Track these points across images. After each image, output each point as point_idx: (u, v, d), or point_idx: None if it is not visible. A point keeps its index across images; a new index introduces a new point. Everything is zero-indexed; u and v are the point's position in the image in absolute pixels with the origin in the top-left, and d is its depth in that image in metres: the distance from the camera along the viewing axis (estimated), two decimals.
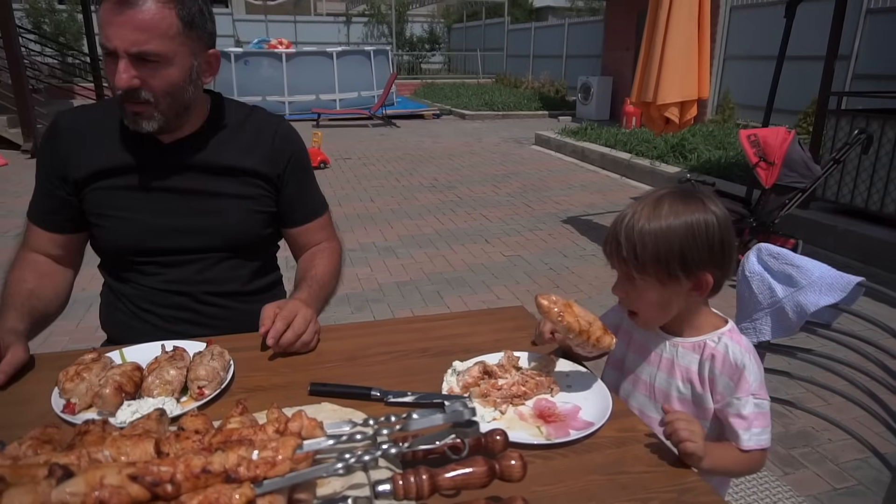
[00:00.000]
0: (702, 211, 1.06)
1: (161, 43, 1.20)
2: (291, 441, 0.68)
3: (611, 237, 1.11)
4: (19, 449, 0.77)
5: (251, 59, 12.95)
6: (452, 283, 4.13)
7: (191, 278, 1.40)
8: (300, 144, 1.52)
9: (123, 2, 1.16)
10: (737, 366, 1.07)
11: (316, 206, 1.55)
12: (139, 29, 1.17)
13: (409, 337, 1.31)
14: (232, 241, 1.42)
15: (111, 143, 1.35)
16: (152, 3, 1.18)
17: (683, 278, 1.07)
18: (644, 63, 4.70)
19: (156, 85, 1.23)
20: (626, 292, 1.12)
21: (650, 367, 1.18)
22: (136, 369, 1.05)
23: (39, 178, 1.39)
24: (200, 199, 1.38)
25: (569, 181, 7.30)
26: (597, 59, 13.78)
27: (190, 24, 1.24)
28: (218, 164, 1.39)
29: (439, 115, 13.85)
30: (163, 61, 1.22)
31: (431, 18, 26.24)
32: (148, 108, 1.25)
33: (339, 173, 7.66)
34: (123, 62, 1.19)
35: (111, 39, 1.18)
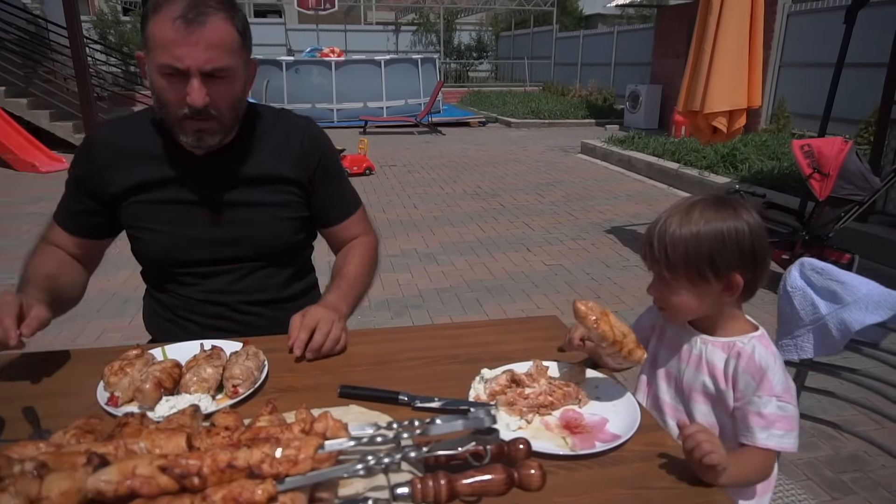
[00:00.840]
0: (733, 218, 1.09)
1: (229, 58, 1.23)
2: (313, 441, 0.70)
3: (645, 240, 1.15)
4: (64, 438, 0.82)
5: (302, 68, 13.27)
6: (492, 291, 4.13)
7: (227, 288, 1.43)
8: (328, 145, 1.52)
9: (194, 21, 1.17)
10: (760, 366, 1.08)
11: (349, 205, 1.56)
12: (211, 47, 1.19)
13: (439, 343, 1.32)
14: (266, 249, 1.44)
15: (146, 158, 1.36)
16: (218, 20, 1.20)
17: (713, 279, 1.09)
18: (692, 71, 4.61)
19: (223, 100, 1.25)
20: (660, 291, 1.14)
21: (679, 363, 1.20)
22: (176, 366, 1.09)
23: (70, 186, 1.42)
24: (234, 210, 1.40)
25: (614, 190, 7.20)
26: (646, 66, 13.57)
27: (244, 34, 1.27)
28: (250, 174, 1.40)
29: (485, 122, 13.87)
30: (228, 76, 1.24)
31: (479, 27, 26.35)
32: (212, 124, 1.27)
33: (384, 180, 7.76)
34: (196, 81, 1.20)
35: (183, 59, 1.18)
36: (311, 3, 18.74)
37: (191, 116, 1.24)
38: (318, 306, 1.31)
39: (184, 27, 1.16)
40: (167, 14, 1.17)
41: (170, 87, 1.22)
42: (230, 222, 1.39)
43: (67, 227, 1.41)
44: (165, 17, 1.17)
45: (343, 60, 13.43)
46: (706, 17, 4.49)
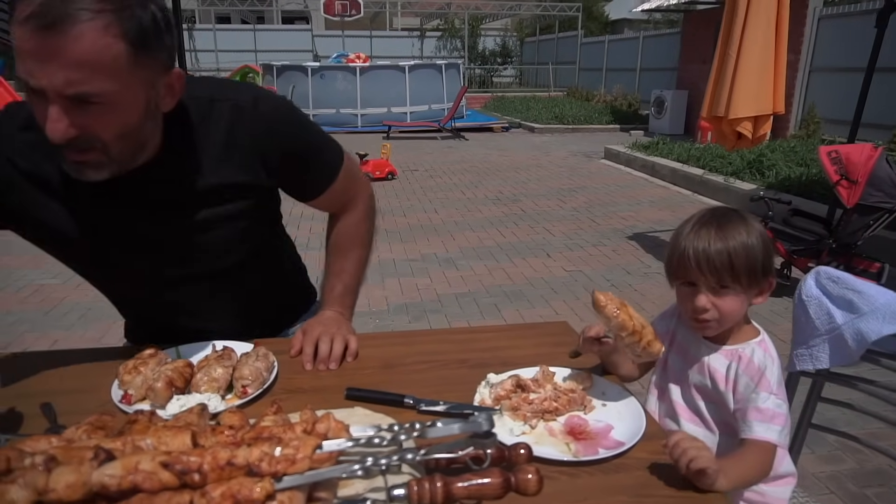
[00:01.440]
0: (757, 223, 1.16)
1: (105, 81, 0.90)
2: (311, 441, 0.71)
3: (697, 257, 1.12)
4: (76, 433, 0.84)
5: (327, 73, 13.43)
6: (511, 297, 4.12)
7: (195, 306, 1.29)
8: (287, 124, 1.19)
9: (48, 27, 0.84)
10: (759, 367, 1.13)
11: (327, 175, 1.30)
12: (73, 65, 0.87)
13: (448, 348, 1.33)
14: (223, 266, 1.25)
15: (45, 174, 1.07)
16: (88, 29, 0.86)
17: (760, 284, 1.14)
18: (716, 76, 4.56)
19: (102, 130, 0.95)
20: (712, 302, 1.13)
21: (686, 366, 1.23)
22: (188, 366, 1.12)
23: None
24: (179, 240, 1.17)
25: (637, 196, 7.14)
26: (672, 72, 13.43)
27: (141, 44, 0.92)
28: (187, 190, 1.13)
29: (508, 128, 13.86)
30: (108, 102, 0.92)
31: (504, 32, 26.37)
32: (94, 156, 0.97)
33: (406, 184, 7.80)
34: (55, 108, 0.89)
35: (35, 76, 0.87)
36: (338, 9, 18.94)
37: (65, 147, 0.94)
38: (317, 322, 1.31)
39: (36, 35, 0.85)
40: (22, 8, 0.85)
41: (35, 108, 0.92)
42: (169, 250, 1.18)
43: None
44: (19, 15, 0.85)
45: (368, 66, 13.56)
46: (731, 22, 4.44)
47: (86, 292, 4.05)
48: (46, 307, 3.84)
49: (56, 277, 4.22)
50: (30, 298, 3.99)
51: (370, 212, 1.45)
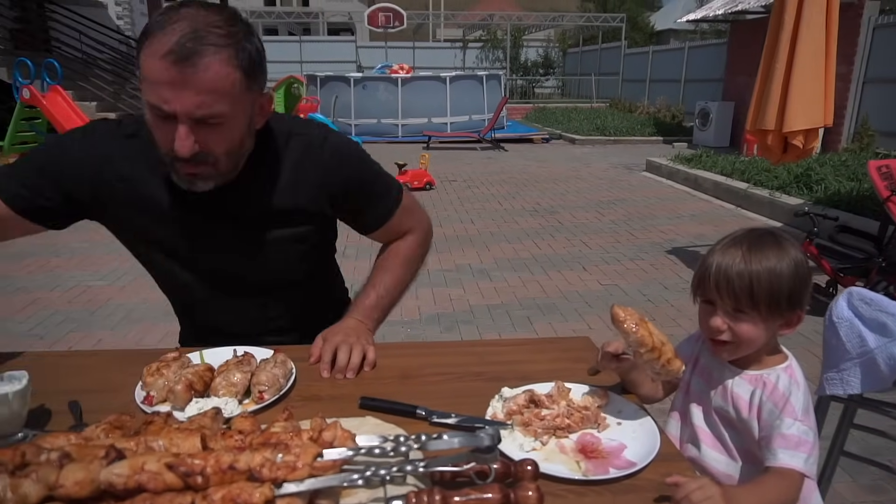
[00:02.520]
0: (794, 250, 1.09)
1: (225, 104, 1.08)
2: (312, 449, 0.72)
3: (718, 276, 1.09)
4: (95, 431, 0.88)
5: (369, 84, 13.65)
6: (544, 310, 4.09)
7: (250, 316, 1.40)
8: (352, 158, 1.36)
9: (183, 60, 1.01)
10: (783, 393, 1.08)
11: (386, 209, 1.43)
12: (204, 91, 1.04)
13: (465, 360, 1.32)
14: (289, 280, 1.39)
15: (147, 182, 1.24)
16: (215, 61, 1.04)
17: (784, 315, 1.09)
18: (761, 88, 4.44)
19: (217, 147, 1.12)
20: (728, 325, 1.11)
21: (709, 390, 1.19)
22: (208, 370, 1.15)
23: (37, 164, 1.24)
24: (242, 248, 1.32)
25: (678, 210, 7.00)
26: (718, 83, 13.16)
27: (250, 72, 1.11)
28: (261, 209, 1.29)
29: (548, 139, 13.80)
30: (225, 121, 1.10)
31: (547, 43, 26.31)
32: (206, 169, 1.14)
33: (444, 195, 7.84)
34: (184, 128, 1.06)
35: (170, 102, 1.04)
36: (381, 20, 19.25)
37: (182, 161, 1.11)
38: (338, 331, 1.32)
39: (172, 66, 1.01)
40: (158, 47, 1.02)
41: (158, 128, 1.10)
42: (246, 262, 1.33)
43: (6, 195, 1.21)
44: (157, 50, 1.02)
45: (409, 77, 13.72)
46: (777, 33, 4.32)
47: (129, 294, 4.20)
48: (92, 307, 3.99)
49: (103, 279, 4.39)
50: (77, 299, 4.16)
51: (424, 242, 1.54)
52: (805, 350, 3.21)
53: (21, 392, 0.99)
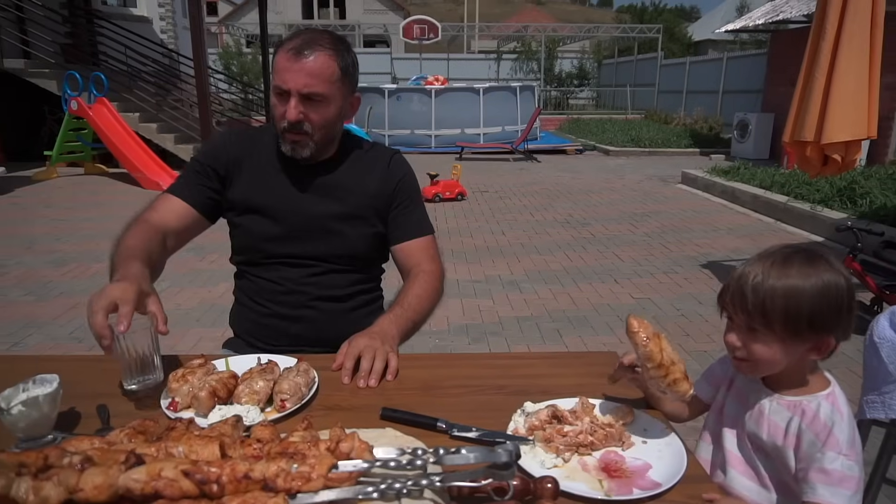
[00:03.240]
0: (830, 272, 1.02)
1: (325, 86, 1.45)
2: (327, 460, 0.72)
3: (735, 290, 1.06)
4: (118, 436, 0.89)
5: (403, 95, 13.77)
6: (574, 322, 4.03)
7: (302, 280, 1.59)
8: (410, 173, 1.71)
9: (300, 53, 1.42)
10: (825, 423, 1.01)
11: (420, 228, 1.68)
12: (310, 74, 1.43)
13: (488, 373, 1.31)
14: (342, 252, 1.61)
15: (264, 161, 1.60)
16: (321, 54, 1.44)
17: (808, 339, 1.02)
18: (800, 99, 4.32)
19: (315, 120, 1.47)
20: (742, 342, 1.06)
21: (745, 416, 1.13)
22: (232, 377, 1.16)
23: (198, 164, 1.59)
24: (324, 215, 1.58)
25: (714, 223, 6.85)
26: (757, 94, 12.89)
27: (346, 71, 1.49)
28: (342, 187, 1.60)
29: (582, 150, 13.69)
30: (323, 101, 1.46)
31: (582, 54, 26.20)
32: (305, 138, 1.49)
33: (475, 205, 7.83)
34: (294, 100, 1.44)
35: (287, 82, 1.43)
36: (416, 32, 19.45)
37: (289, 130, 1.48)
38: (363, 335, 1.35)
39: (294, 57, 1.43)
40: (287, 47, 1.45)
41: (278, 104, 1.48)
42: (320, 225, 1.58)
43: (186, 196, 1.56)
44: (285, 50, 1.44)
45: (443, 88, 13.80)
46: (818, 42, 4.21)
47: (164, 300, 4.27)
48: None
49: None
50: None
51: (440, 281, 1.67)
52: (847, 370, 3.09)
53: (51, 395, 1.01)
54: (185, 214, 1.56)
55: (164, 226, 1.51)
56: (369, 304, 1.69)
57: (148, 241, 1.41)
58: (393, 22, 25.49)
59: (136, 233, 1.44)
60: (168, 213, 1.55)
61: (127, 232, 1.45)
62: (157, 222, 1.51)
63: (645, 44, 22.46)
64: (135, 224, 1.49)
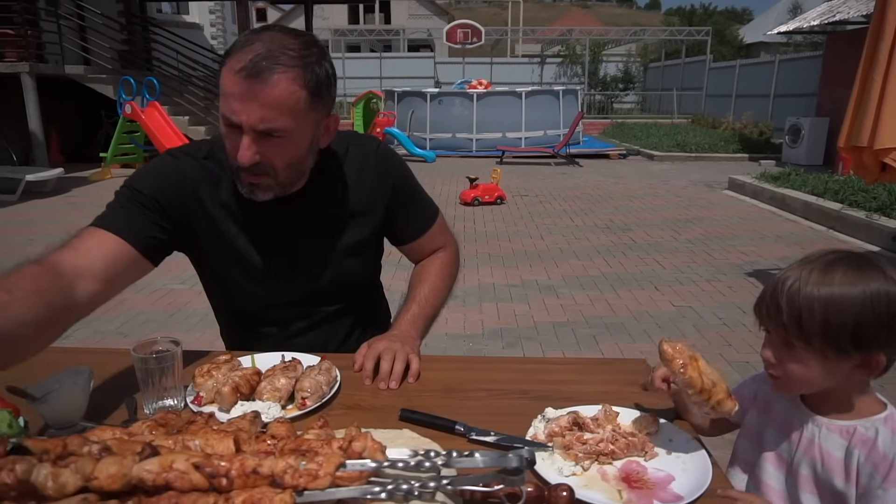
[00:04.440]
0: (881, 280, 0.91)
1: (287, 118, 1.14)
2: (335, 458, 0.72)
3: (769, 299, 0.99)
4: (140, 427, 0.91)
5: (444, 99, 13.82)
6: (611, 329, 3.96)
7: (304, 329, 1.45)
8: (400, 167, 1.48)
9: (254, 76, 1.09)
10: (885, 454, 0.92)
11: (425, 221, 1.53)
12: (268, 106, 1.11)
13: (512, 377, 1.29)
14: (340, 286, 1.44)
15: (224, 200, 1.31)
16: (283, 79, 1.11)
17: (852, 356, 0.93)
18: (857, 102, 4.15)
19: (277, 160, 1.19)
20: (778, 357, 0.99)
21: (790, 446, 1.05)
22: (256, 374, 1.17)
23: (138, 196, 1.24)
24: (315, 254, 1.38)
25: (761, 230, 6.63)
26: (811, 98, 12.44)
27: (316, 93, 1.17)
28: (326, 216, 1.37)
29: (625, 155, 13.46)
30: (286, 135, 1.16)
31: (627, 58, 25.81)
32: (265, 180, 1.21)
33: (514, 209, 7.79)
34: (247, 139, 1.14)
35: (237, 114, 1.12)
36: (459, 37, 19.52)
37: (244, 170, 1.19)
38: (383, 338, 1.33)
39: (243, 81, 1.10)
40: (234, 64, 1.11)
41: (228, 137, 1.18)
42: (311, 267, 1.39)
43: (120, 229, 1.19)
44: (232, 66, 1.11)
45: (485, 92, 13.80)
46: (876, 43, 4.03)
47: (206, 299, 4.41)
48: (172, 310, 4.22)
49: (183, 283, 4.63)
50: (159, 301, 4.41)
51: (455, 259, 1.59)
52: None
53: (81, 386, 1.05)
54: (119, 253, 1.17)
55: (79, 271, 1.10)
56: (377, 314, 1.61)
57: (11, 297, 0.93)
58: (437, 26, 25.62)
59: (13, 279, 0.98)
60: (92, 254, 1.14)
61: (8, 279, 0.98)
62: (69, 266, 1.09)
63: (693, 47, 21.97)
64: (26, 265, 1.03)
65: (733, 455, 1.16)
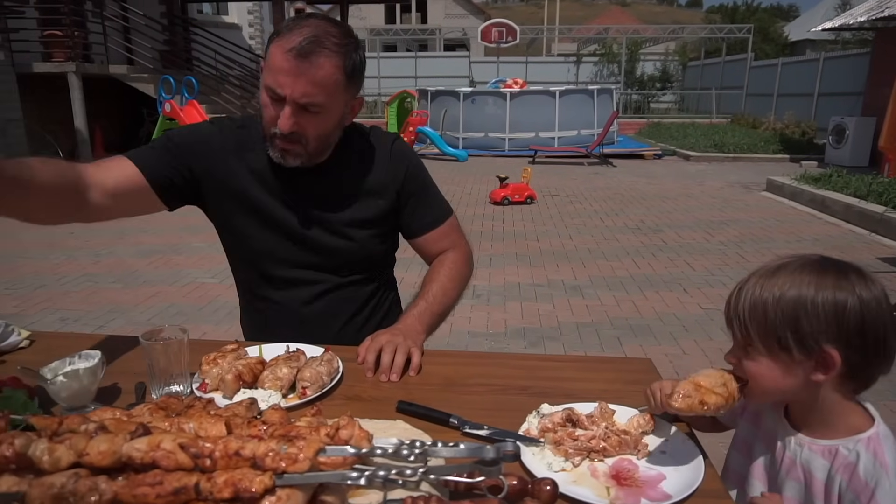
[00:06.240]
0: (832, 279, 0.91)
1: (325, 96, 1.29)
2: (315, 444, 0.73)
3: (728, 298, 1.02)
4: (142, 410, 0.95)
5: (477, 98, 13.80)
6: (636, 331, 3.91)
7: (313, 298, 1.50)
8: (414, 158, 1.57)
9: (304, 56, 1.23)
10: (867, 482, 0.88)
11: (437, 216, 1.58)
12: (311, 83, 1.25)
13: (512, 373, 1.29)
14: (350, 261, 1.51)
15: (252, 166, 1.44)
16: (326, 61, 1.26)
17: (797, 351, 0.92)
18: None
19: (311, 130, 1.33)
20: (736, 357, 1.00)
21: (773, 461, 1.04)
22: (259, 363, 1.20)
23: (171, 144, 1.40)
24: (329, 224, 1.46)
25: (799, 233, 6.44)
26: (857, 97, 12.03)
27: (351, 77, 1.32)
28: (342, 191, 1.48)
29: (661, 155, 13.24)
30: (322, 111, 1.31)
31: (665, 56, 25.35)
32: (297, 147, 1.35)
33: (544, 209, 7.75)
34: (289, 109, 1.28)
35: (283, 87, 1.25)
36: (494, 36, 19.46)
37: (280, 137, 1.32)
38: (387, 331, 1.35)
39: (293, 59, 1.23)
40: (285, 43, 1.24)
41: (269, 106, 1.31)
42: (324, 235, 1.47)
43: (141, 161, 1.35)
44: (283, 45, 1.24)
45: (518, 91, 13.73)
46: None
47: (235, 293, 4.51)
48: (201, 303, 4.33)
49: (214, 277, 4.75)
50: (191, 294, 4.53)
51: (468, 261, 1.61)
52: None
53: (91, 370, 1.09)
54: (131, 179, 1.33)
55: (94, 180, 1.26)
56: (383, 304, 1.63)
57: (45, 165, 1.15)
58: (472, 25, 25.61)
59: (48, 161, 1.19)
60: (110, 172, 1.31)
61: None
62: (88, 173, 1.26)
63: (735, 45, 21.44)
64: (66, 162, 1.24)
65: (725, 466, 1.15)
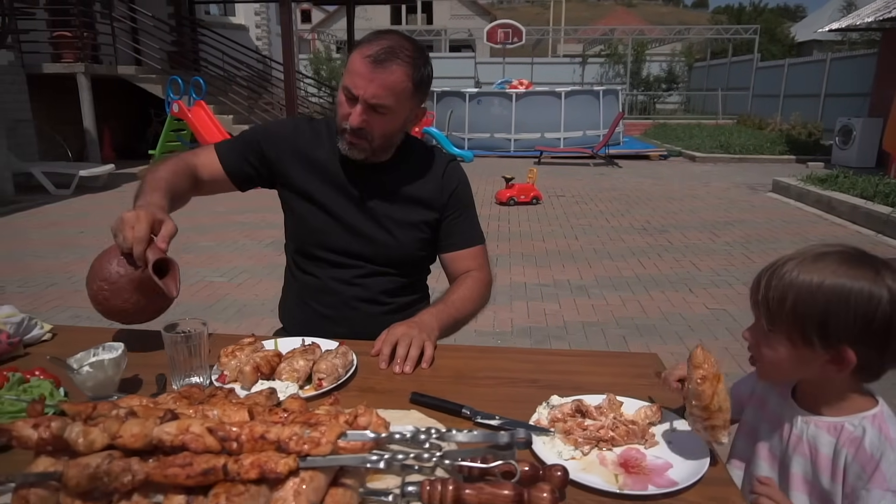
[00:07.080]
0: (870, 280, 0.91)
1: (393, 100, 1.44)
2: (337, 428, 0.77)
3: (759, 278, 1.01)
4: (166, 399, 0.98)
5: (483, 99, 13.83)
6: (642, 330, 3.93)
7: (350, 280, 1.62)
8: (465, 181, 1.71)
9: (379, 63, 1.40)
10: (872, 455, 0.91)
11: (471, 237, 1.70)
12: (383, 86, 1.41)
13: (523, 366, 1.33)
14: (392, 256, 1.63)
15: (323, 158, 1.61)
16: (398, 68, 1.41)
17: (819, 346, 0.94)
18: None
19: (377, 129, 1.47)
20: (755, 338, 1.02)
21: (780, 441, 1.06)
22: (276, 355, 1.24)
23: (252, 139, 1.63)
24: (376, 217, 1.60)
25: (805, 234, 6.45)
26: (864, 98, 12.01)
27: (418, 87, 1.47)
28: (397, 191, 1.61)
29: (666, 156, 13.24)
30: (389, 113, 1.45)
31: (671, 57, 25.32)
32: (362, 142, 1.49)
33: (550, 210, 7.77)
34: (361, 107, 1.43)
35: (358, 87, 1.42)
36: (500, 37, 19.48)
37: (349, 132, 1.47)
38: (403, 324, 1.39)
39: (369, 64, 1.40)
40: (365, 50, 1.41)
41: (343, 103, 1.48)
42: (370, 226, 1.60)
43: (224, 157, 1.60)
44: (362, 52, 1.42)
45: (524, 92, 13.75)
46: None
47: (244, 291, 4.56)
48: (210, 301, 4.37)
49: (222, 276, 4.80)
50: (199, 293, 4.57)
51: (488, 286, 1.70)
52: None
53: (115, 360, 1.13)
54: (216, 173, 1.60)
55: (197, 171, 1.57)
56: (412, 306, 1.70)
57: (175, 175, 1.47)
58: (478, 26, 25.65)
59: (168, 166, 1.51)
60: (204, 164, 1.59)
61: (161, 164, 1.52)
62: (193, 164, 1.57)
63: (741, 45, 21.42)
64: (172, 159, 1.56)
65: (732, 449, 1.17)
